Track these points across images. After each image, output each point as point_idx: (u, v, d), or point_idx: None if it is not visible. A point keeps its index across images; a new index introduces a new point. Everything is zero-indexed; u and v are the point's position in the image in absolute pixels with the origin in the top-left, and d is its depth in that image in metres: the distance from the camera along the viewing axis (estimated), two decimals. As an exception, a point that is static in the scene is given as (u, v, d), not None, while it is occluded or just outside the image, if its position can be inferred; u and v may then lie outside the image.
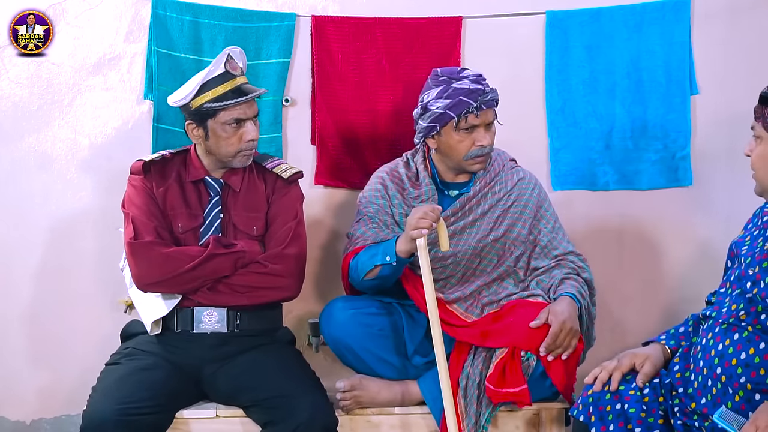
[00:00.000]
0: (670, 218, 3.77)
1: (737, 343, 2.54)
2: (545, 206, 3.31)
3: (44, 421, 3.66)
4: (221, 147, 3.14)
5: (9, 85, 3.58)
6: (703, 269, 3.69)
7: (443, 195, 3.29)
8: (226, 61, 3.09)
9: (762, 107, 2.62)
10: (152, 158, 3.21)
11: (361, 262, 3.14)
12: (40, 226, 3.61)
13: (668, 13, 3.68)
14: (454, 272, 3.23)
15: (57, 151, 3.61)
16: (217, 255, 3.07)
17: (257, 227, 3.20)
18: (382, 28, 3.67)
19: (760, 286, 2.55)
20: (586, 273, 3.22)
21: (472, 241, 3.22)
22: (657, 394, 2.70)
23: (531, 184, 3.32)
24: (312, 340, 3.59)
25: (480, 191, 3.27)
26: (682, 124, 3.71)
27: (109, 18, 3.60)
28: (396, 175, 3.32)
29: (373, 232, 3.22)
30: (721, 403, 2.52)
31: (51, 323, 3.63)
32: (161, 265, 3.05)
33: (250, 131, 3.13)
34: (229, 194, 3.22)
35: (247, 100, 3.11)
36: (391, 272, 3.11)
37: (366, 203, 3.30)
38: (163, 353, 3.07)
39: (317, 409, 2.90)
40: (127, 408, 2.86)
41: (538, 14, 3.70)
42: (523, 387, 2.98)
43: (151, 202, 3.15)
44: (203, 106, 3.09)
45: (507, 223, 3.24)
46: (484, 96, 3.14)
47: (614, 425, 2.67)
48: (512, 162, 3.40)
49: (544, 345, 2.97)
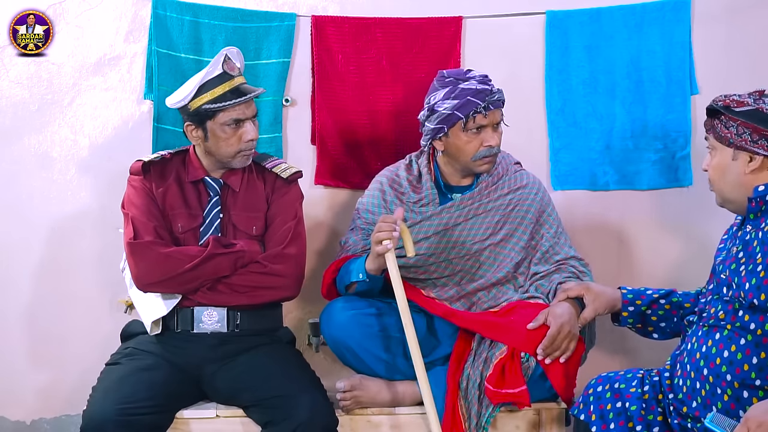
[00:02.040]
0: (670, 218, 3.77)
1: (719, 342, 2.57)
2: (548, 211, 3.30)
3: (44, 421, 3.66)
4: (221, 148, 3.14)
5: (9, 85, 3.58)
6: (702, 269, 3.66)
7: (445, 198, 3.29)
8: (224, 62, 3.09)
9: (711, 120, 2.71)
10: (151, 158, 3.21)
11: (341, 275, 3.19)
12: (40, 226, 3.61)
13: (668, 13, 3.68)
14: (452, 272, 3.22)
15: (57, 151, 3.61)
16: (216, 255, 3.07)
17: (257, 227, 3.20)
18: (382, 28, 3.67)
19: (732, 288, 2.59)
20: (587, 277, 3.21)
21: (468, 243, 3.22)
22: (656, 392, 2.72)
23: (534, 188, 3.31)
24: (312, 340, 3.59)
25: (480, 193, 3.26)
26: (683, 124, 3.71)
27: (109, 18, 3.60)
28: (395, 180, 3.32)
29: (363, 243, 3.24)
30: (711, 404, 2.55)
31: (51, 323, 3.63)
32: (161, 265, 3.06)
33: (250, 131, 3.13)
34: (229, 194, 3.22)
35: (246, 100, 3.11)
36: (368, 288, 3.14)
37: (362, 210, 3.32)
38: (163, 353, 3.07)
39: (317, 409, 2.90)
40: (127, 408, 2.86)
41: (538, 14, 3.70)
42: (523, 388, 2.97)
43: (151, 203, 3.15)
44: (202, 108, 3.09)
45: (507, 229, 3.24)
46: (492, 96, 3.14)
47: (615, 423, 2.68)
48: (517, 165, 3.39)
49: (541, 347, 2.96)
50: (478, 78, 3.16)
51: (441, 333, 3.19)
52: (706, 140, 2.73)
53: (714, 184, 2.74)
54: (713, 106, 2.70)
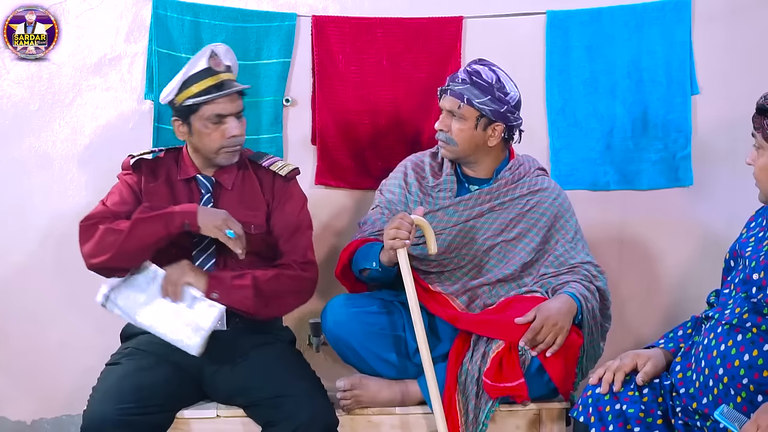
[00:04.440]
0: (670, 218, 3.77)
1: (740, 345, 2.54)
2: (566, 217, 3.28)
3: (44, 421, 3.66)
4: (204, 143, 3.13)
5: (9, 85, 3.58)
6: (703, 269, 3.69)
7: (463, 187, 3.30)
8: (210, 57, 3.08)
9: (761, 118, 2.63)
10: (142, 154, 3.20)
11: (357, 257, 3.18)
12: (40, 226, 3.61)
13: (669, 13, 3.68)
14: (458, 266, 3.22)
15: (57, 151, 3.61)
16: (142, 219, 3.00)
17: (255, 225, 3.17)
18: (383, 28, 3.67)
19: (766, 291, 2.55)
20: (599, 282, 3.18)
21: (480, 237, 3.22)
22: (656, 395, 2.71)
23: (553, 194, 3.29)
24: (313, 340, 3.59)
25: (499, 189, 3.26)
26: (683, 124, 3.71)
27: (110, 18, 3.60)
28: (420, 164, 3.34)
29: (381, 223, 3.24)
30: (723, 404, 2.52)
31: (51, 323, 3.63)
32: (100, 241, 3.01)
33: (233, 127, 3.11)
34: (222, 192, 3.20)
35: (227, 94, 3.09)
36: (380, 276, 3.14)
37: (384, 190, 3.34)
38: (164, 353, 3.06)
39: (317, 410, 2.90)
40: (128, 408, 2.86)
41: (539, 14, 3.70)
42: (521, 381, 2.97)
43: (129, 197, 3.12)
44: (186, 102, 3.09)
45: (520, 228, 3.23)
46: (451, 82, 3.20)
47: (614, 425, 2.67)
48: (541, 171, 3.38)
49: (523, 339, 2.96)
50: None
51: (441, 331, 3.19)
52: (753, 136, 2.65)
53: (761, 182, 2.66)
54: (765, 106, 2.61)
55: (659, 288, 3.81)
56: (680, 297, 3.77)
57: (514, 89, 3.22)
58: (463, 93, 3.16)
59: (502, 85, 3.19)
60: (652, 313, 3.79)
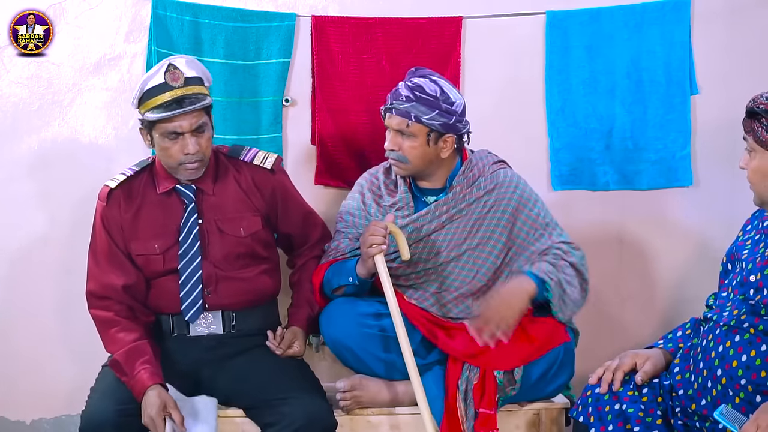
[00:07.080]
0: (670, 218, 3.77)
1: (738, 345, 2.54)
2: (529, 207, 3.19)
3: (44, 421, 3.67)
4: (164, 157, 3.05)
5: (9, 85, 3.58)
6: (702, 269, 3.68)
7: (419, 201, 3.26)
8: (166, 71, 2.97)
9: (751, 121, 2.63)
10: (117, 182, 3.12)
11: (329, 277, 3.18)
12: (39, 226, 3.61)
13: (668, 13, 3.68)
14: (427, 281, 3.20)
15: (57, 151, 3.61)
16: (115, 367, 3.00)
17: (244, 227, 3.14)
18: (382, 28, 3.67)
19: (763, 293, 2.55)
20: (572, 257, 3.12)
21: (444, 250, 3.18)
22: (655, 394, 2.71)
23: (511, 187, 3.21)
24: (312, 340, 3.58)
25: (455, 197, 3.21)
26: (682, 124, 3.71)
27: (109, 18, 3.60)
28: (375, 183, 3.33)
29: (346, 244, 3.24)
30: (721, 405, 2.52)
31: (51, 323, 3.64)
32: (103, 338, 3.11)
33: (189, 145, 2.98)
34: (204, 198, 3.13)
35: (180, 113, 2.94)
36: (356, 291, 3.15)
37: (344, 213, 3.33)
38: (162, 353, 3.06)
39: (316, 411, 2.90)
40: (126, 408, 2.86)
41: (538, 14, 3.69)
42: (492, 413, 3.01)
43: (109, 247, 3.10)
44: (145, 115, 3.01)
45: (483, 232, 3.18)
46: (394, 98, 3.17)
47: (613, 425, 2.67)
48: (499, 164, 3.30)
49: (474, 331, 2.94)
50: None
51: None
52: (744, 140, 2.65)
53: (755, 185, 2.65)
54: (754, 109, 2.61)
55: (659, 288, 3.81)
56: (680, 297, 3.77)
57: (457, 96, 3.16)
58: (410, 111, 3.11)
59: (446, 96, 3.12)
60: (652, 312, 3.79)
